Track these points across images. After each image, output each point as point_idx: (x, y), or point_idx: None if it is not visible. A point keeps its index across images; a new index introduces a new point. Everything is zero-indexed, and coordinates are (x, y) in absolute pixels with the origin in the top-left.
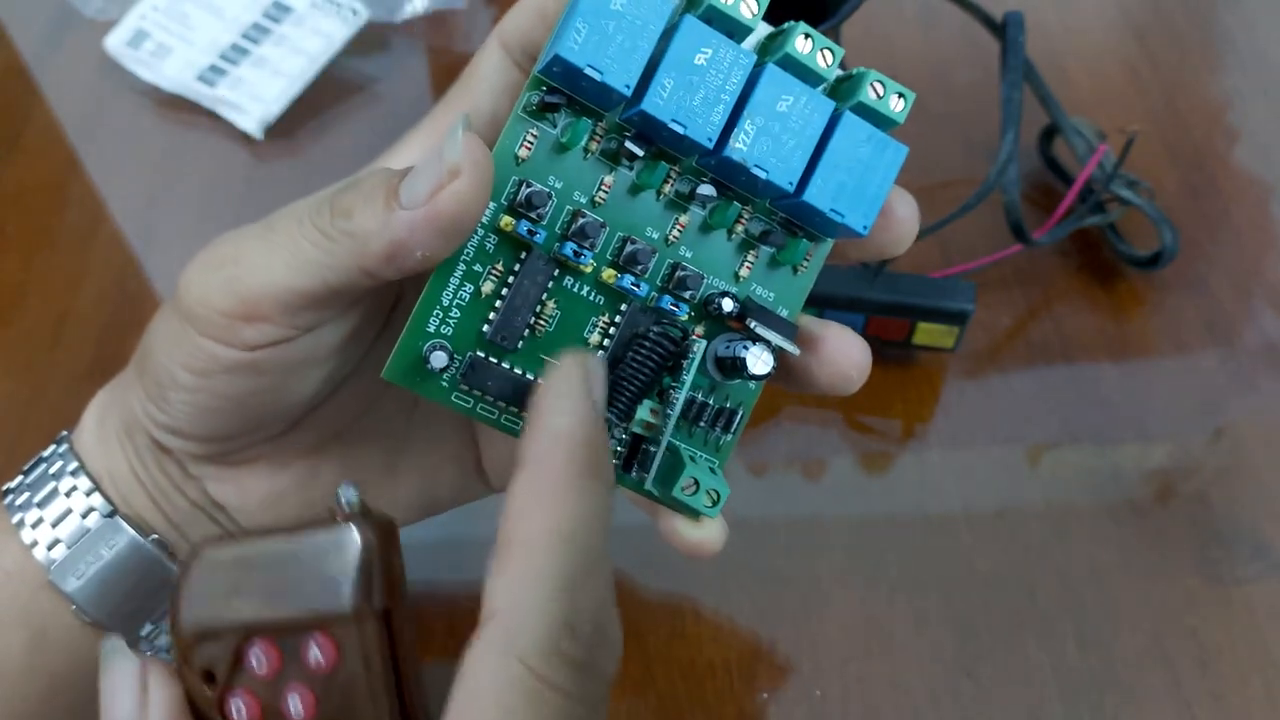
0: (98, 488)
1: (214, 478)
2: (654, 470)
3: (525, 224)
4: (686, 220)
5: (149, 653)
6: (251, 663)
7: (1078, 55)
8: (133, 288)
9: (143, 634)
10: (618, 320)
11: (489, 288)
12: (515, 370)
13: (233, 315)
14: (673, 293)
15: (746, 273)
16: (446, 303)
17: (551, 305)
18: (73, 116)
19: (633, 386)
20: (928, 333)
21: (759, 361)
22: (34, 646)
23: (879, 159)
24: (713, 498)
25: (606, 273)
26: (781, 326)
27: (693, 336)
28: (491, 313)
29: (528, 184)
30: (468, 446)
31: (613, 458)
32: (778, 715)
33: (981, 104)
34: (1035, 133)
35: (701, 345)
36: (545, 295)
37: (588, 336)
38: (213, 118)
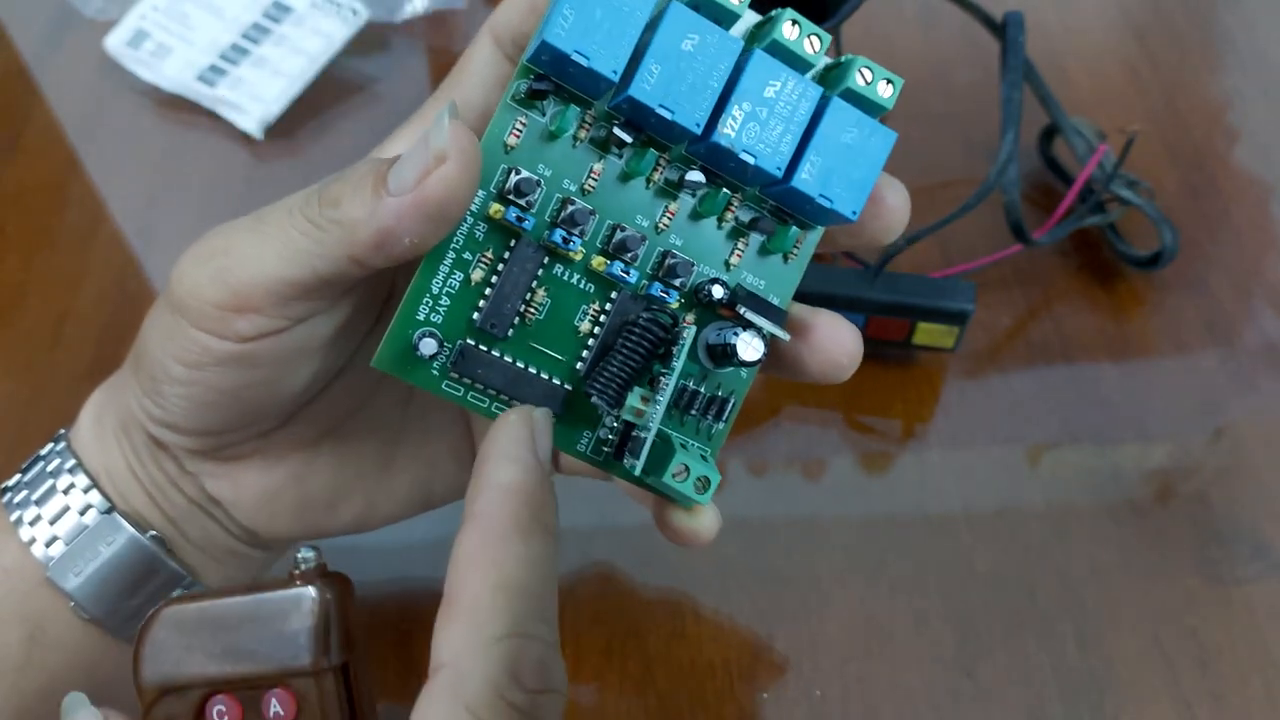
0: (95, 485)
1: (210, 474)
2: (643, 456)
3: (514, 211)
4: (676, 208)
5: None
6: (214, 716)
7: (1078, 55)
8: (133, 288)
9: None
10: (608, 308)
11: (479, 275)
12: (506, 359)
13: (224, 307)
14: (663, 280)
15: (737, 260)
16: (436, 291)
17: (542, 293)
18: (73, 116)
19: (623, 373)
20: (928, 333)
21: (749, 348)
22: (32, 643)
23: (867, 145)
24: (702, 484)
25: (596, 260)
26: (772, 313)
27: (683, 323)
28: (481, 300)
29: (516, 171)
30: (464, 440)
31: (605, 447)
32: (778, 715)
33: (981, 104)
34: (1035, 133)
35: (691, 331)
36: (535, 283)
37: (578, 324)
38: (213, 118)
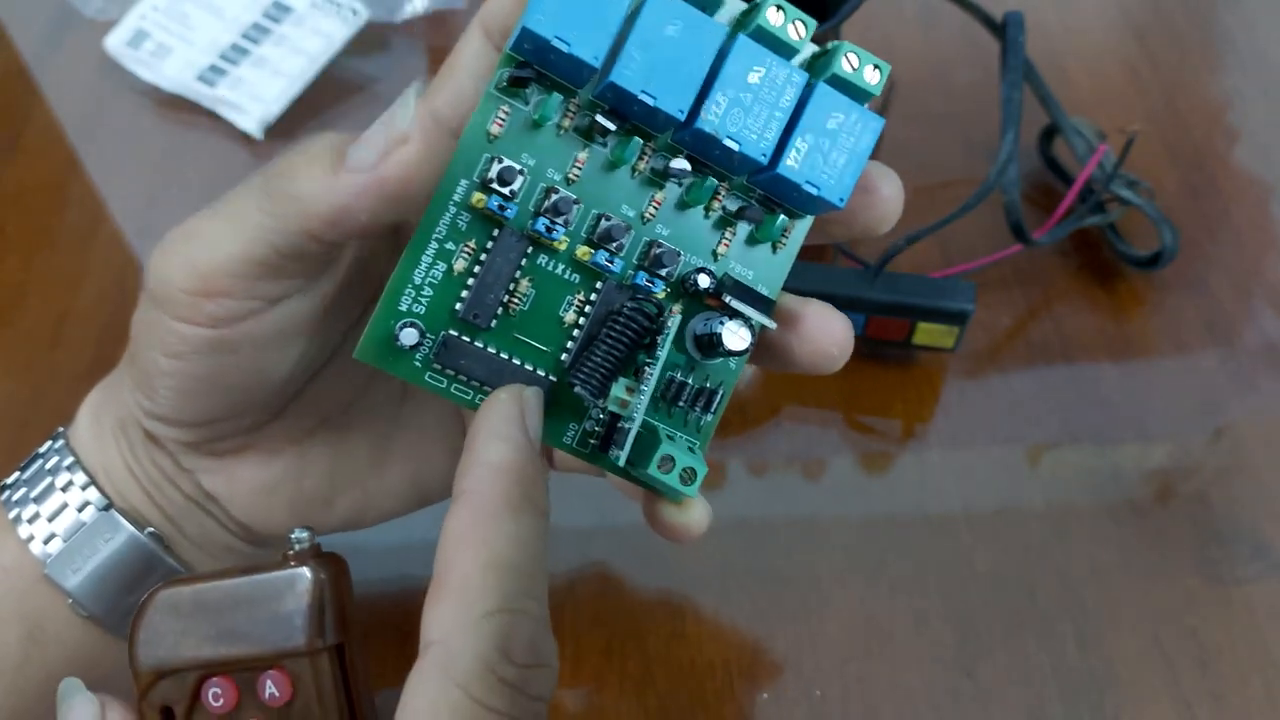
0: (94, 482)
1: (205, 470)
2: (627, 447)
3: (496, 199)
4: (662, 197)
5: None
6: (209, 699)
7: (1078, 55)
8: (133, 288)
9: None
10: (593, 298)
11: (461, 265)
12: (489, 349)
13: (194, 292)
14: (649, 270)
15: (725, 250)
16: (419, 281)
17: (526, 283)
18: (73, 116)
19: (607, 363)
20: (928, 333)
21: (735, 337)
22: (30, 640)
23: (855, 131)
24: (689, 475)
25: (581, 250)
26: (759, 302)
27: (669, 312)
28: (464, 291)
29: (499, 160)
30: (459, 435)
31: (591, 439)
32: (778, 715)
33: (981, 104)
34: (1035, 133)
35: (676, 320)
36: (519, 273)
37: (563, 315)
38: (213, 118)
